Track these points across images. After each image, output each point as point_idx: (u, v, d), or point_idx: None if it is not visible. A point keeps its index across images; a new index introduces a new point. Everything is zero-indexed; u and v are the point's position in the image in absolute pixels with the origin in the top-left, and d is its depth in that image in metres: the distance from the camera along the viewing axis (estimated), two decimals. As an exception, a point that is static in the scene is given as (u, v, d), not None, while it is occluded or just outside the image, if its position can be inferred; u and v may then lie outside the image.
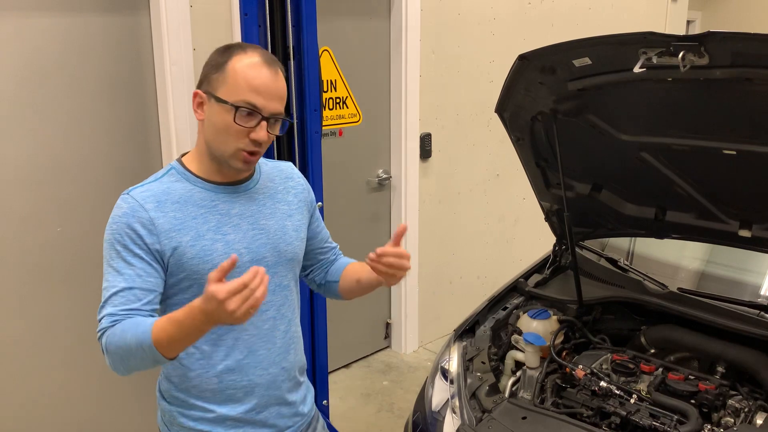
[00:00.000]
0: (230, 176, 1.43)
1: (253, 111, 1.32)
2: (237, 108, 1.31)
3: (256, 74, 1.32)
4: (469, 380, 1.97)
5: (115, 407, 2.71)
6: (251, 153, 1.36)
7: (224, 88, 1.33)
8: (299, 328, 1.59)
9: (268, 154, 2.23)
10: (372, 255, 1.37)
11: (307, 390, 1.63)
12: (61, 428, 2.57)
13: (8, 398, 2.42)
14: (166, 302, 1.40)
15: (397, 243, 1.38)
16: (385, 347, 3.94)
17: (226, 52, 1.36)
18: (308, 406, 1.62)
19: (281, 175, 1.55)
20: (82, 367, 2.58)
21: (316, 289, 1.72)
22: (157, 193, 1.36)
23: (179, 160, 1.44)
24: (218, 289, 1.10)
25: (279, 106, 1.36)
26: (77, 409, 2.60)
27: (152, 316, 1.32)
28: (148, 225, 1.33)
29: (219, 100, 1.33)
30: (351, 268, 1.64)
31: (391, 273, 1.38)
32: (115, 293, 1.30)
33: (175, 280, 1.37)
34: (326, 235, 1.68)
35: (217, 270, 1.13)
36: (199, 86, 1.38)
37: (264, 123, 1.33)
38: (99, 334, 1.31)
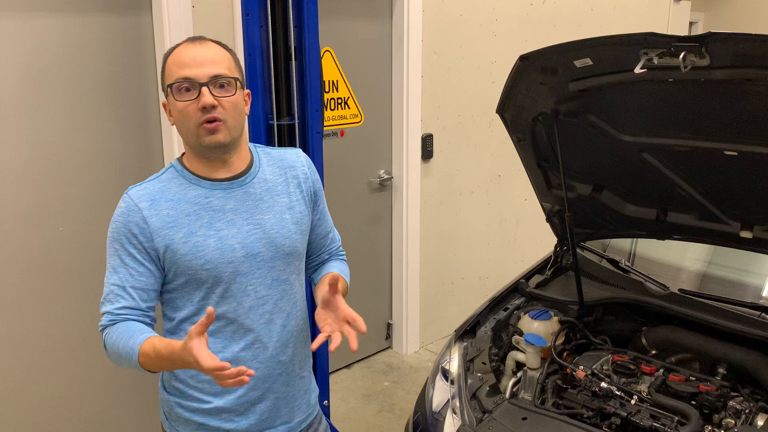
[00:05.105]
0: (222, 169, 1.44)
1: (187, 83, 1.35)
2: (171, 86, 1.36)
3: (180, 53, 1.38)
4: (469, 381, 1.97)
5: (118, 405, 2.71)
6: (210, 121, 1.36)
7: (165, 82, 1.39)
8: (304, 323, 1.58)
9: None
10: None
11: (310, 388, 1.63)
12: (64, 427, 2.58)
13: (10, 397, 2.42)
14: (164, 297, 1.46)
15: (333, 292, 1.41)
16: (386, 348, 3.95)
17: (166, 55, 1.42)
18: (309, 406, 1.62)
19: (284, 164, 1.54)
20: (84, 365, 2.59)
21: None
22: (153, 192, 1.41)
23: (179, 159, 1.47)
24: (200, 355, 1.17)
25: (215, 69, 1.36)
26: (80, 407, 2.61)
27: (147, 315, 1.40)
28: (141, 224, 1.38)
29: (166, 94, 1.39)
30: (322, 280, 1.53)
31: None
32: (111, 290, 1.39)
33: (172, 276, 1.41)
34: (325, 230, 1.65)
35: (197, 325, 1.18)
36: None
37: (205, 89, 1.34)
38: (100, 328, 1.40)
